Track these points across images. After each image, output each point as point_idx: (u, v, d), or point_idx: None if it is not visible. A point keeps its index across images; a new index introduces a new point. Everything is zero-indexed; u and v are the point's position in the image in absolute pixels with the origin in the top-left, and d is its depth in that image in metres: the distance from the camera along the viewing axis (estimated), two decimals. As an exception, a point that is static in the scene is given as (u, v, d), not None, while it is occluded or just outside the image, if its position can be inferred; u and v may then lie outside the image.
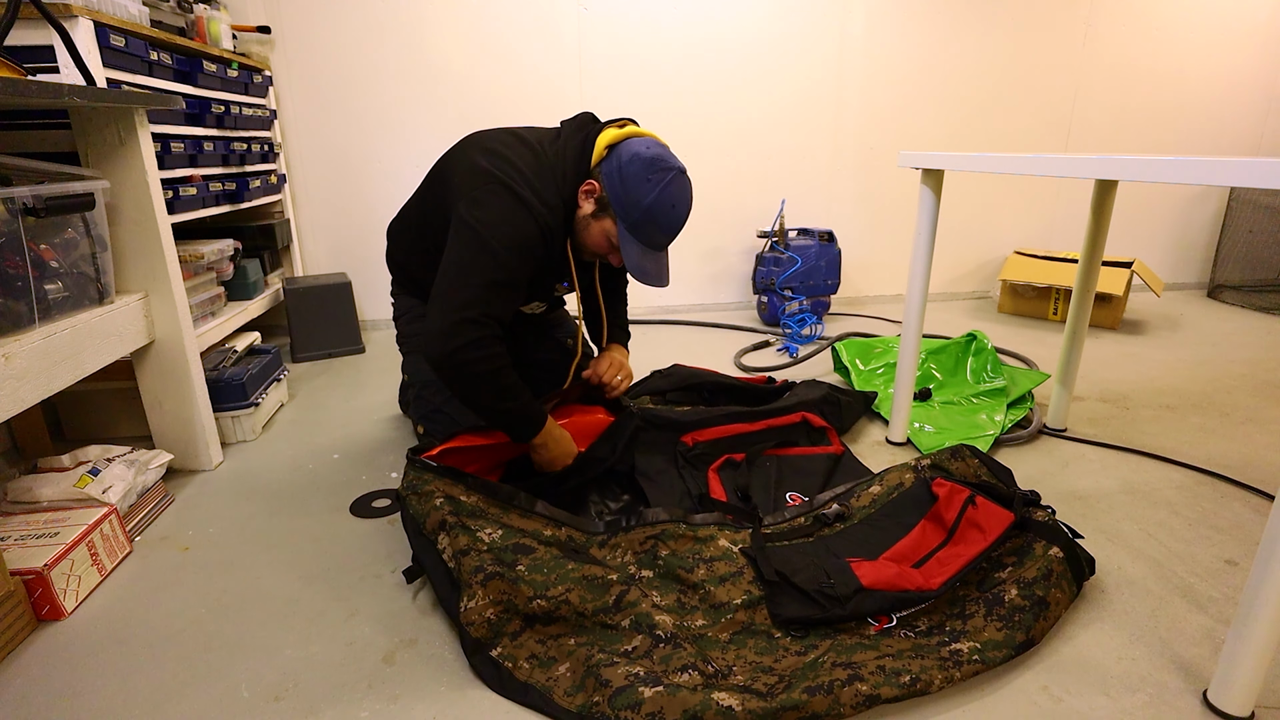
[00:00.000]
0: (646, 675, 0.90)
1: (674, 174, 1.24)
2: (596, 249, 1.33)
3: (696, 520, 1.22)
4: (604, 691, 0.89)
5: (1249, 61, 3.22)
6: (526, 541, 1.10)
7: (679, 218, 1.26)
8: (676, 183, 1.24)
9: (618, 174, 1.25)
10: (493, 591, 1.00)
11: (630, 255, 1.27)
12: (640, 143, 1.27)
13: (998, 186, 3.22)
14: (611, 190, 1.26)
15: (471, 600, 0.99)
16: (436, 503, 1.13)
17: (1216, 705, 0.91)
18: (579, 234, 1.33)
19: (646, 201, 1.23)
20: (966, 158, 1.36)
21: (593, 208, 1.29)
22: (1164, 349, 2.49)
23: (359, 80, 2.55)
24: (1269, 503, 1.44)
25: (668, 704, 0.85)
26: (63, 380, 1.18)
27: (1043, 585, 1.03)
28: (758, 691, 0.89)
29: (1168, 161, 0.93)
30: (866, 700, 0.88)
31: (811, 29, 2.82)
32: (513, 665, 0.96)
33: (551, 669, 0.96)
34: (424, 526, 1.12)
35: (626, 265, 1.28)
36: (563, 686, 0.93)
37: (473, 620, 0.98)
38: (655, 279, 1.30)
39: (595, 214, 1.29)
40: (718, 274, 3.07)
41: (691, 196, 1.28)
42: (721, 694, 0.87)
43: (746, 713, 0.85)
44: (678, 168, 1.26)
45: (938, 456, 1.36)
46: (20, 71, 1.20)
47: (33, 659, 1.00)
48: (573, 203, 1.31)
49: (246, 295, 2.12)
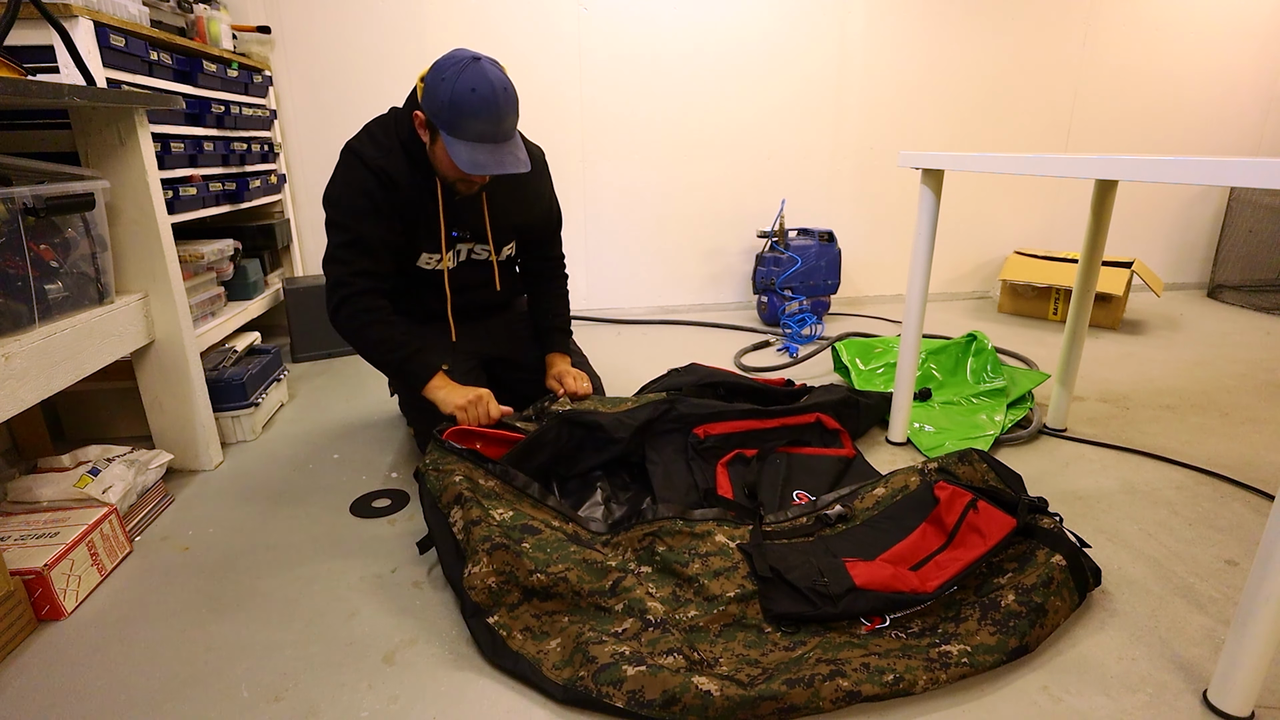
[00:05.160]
0: (632, 655, 0.92)
1: (464, 62, 1.25)
2: (448, 173, 1.37)
3: (695, 516, 1.24)
4: (590, 667, 0.91)
5: (1249, 61, 3.22)
6: (534, 524, 1.13)
7: (484, 98, 1.24)
8: (470, 69, 1.24)
9: (426, 92, 1.29)
10: (497, 561, 1.03)
11: (459, 155, 1.27)
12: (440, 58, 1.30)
13: (998, 186, 3.22)
14: (427, 107, 1.30)
15: (476, 566, 1.03)
16: (456, 479, 1.17)
17: (1216, 705, 0.91)
18: (436, 168, 1.38)
19: (447, 97, 1.24)
20: (966, 158, 1.36)
21: (427, 135, 1.34)
22: (1164, 349, 2.49)
23: (359, 80, 2.55)
24: (1269, 503, 1.44)
25: (648, 683, 0.87)
26: (62, 380, 1.18)
27: (1041, 592, 1.03)
28: (739, 681, 0.91)
29: (1168, 161, 0.93)
30: (847, 696, 0.89)
31: (811, 29, 2.82)
32: (507, 634, 1.00)
33: (543, 643, 0.99)
34: (440, 500, 1.16)
35: (459, 165, 1.28)
36: (551, 660, 0.96)
37: (474, 585, 1.02)
38: (496, 167, 1.29)
39: (432, 140, 1.34)
40: (718, 274, 3.07)
41: (495, 77, 1.25)
42: (702, 679, 0.89)
43: (724, 698, 0.86)
44: (469, 57, 1.25)
45: (945, 460, 1.35)
46: (20, 71, 1.20)
47: (33, 659, 1.00)
48: (414, 142, 1.36)
49: (246, 295, 2.12)
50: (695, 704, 0.85)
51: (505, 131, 1.29)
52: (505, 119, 1.28)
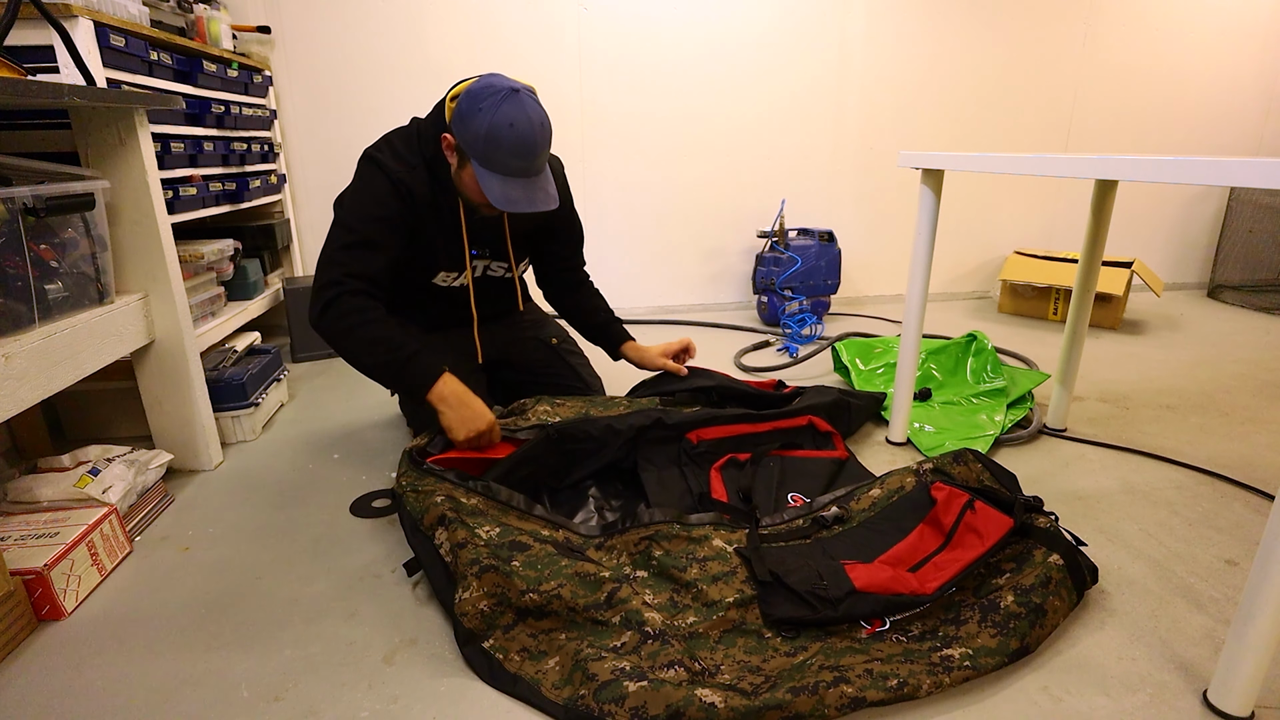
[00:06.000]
0: (632, 670, 0.90)
1: (503, 94, 1.22)
2: (474, 198, 1.35)
3: (691, 520, 1.23)
4: (590, 685, 0.90)
5: (1249, 61, 3.22)
6: (523, 539, 1.10)
7: (521, 135, 1.22)
8: (509, 101, 1.22)
9: (458, 117, 1.26)
10: (487, 584, 1.01)
11: (492, 189, 1.25)
12: (475, 80, 1.27)
13: (998, 186, 3.22)
14: (459, 135, 1.27)
15: (466, 591, 1.01)
16: (437, 499, 1.14)
17: (1216, 705, 0.91)
18: (461, 191, 1.36)
19: (484, 130, 1.22)
20: (966, 158, 1.36)
21: (455, 159, 1.32)
22: (1164, 349, 2.49)
23: (359, 80, 2.55)
24: (1269, 503, 1.44)
25: (651, 698, 0.86)
26: (62, 380, 1.18)
27: (1040, 593, 1.03)
28: (742, 690, 0.90)
29: (1168, 161, 0.93)
30: (852, 703, 0.88)
31: (811, 29, 2.82)
32: (504, 657, 0.98)
33: (541, 662, 0.97)
34: (421, 523, 1.13)
35: (491, 200, 1.26)
36: (551, 679, 0.94)
37: (466, 611, 1.00)
38: (528, 204, 1.28)
39: (460, 165, 1.31)
40: (718, 274, 3.07)
41: (534, 112, 1.23)
42: (705, 690, 0.87)
43: (729, 709, 0.85)
44: (508, 88, 1.23)
45: (940, 460, 1.35)
46: (20, 71, 1.20)
47: (33, 659, 1.00)
48: (438, 161, 1.34)
49: (246, 295, 2.12)
50: (700, 717, 0.84)
51: (539, 167, 1.28)
52: (540, 155, 1.26)
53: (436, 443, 1.35)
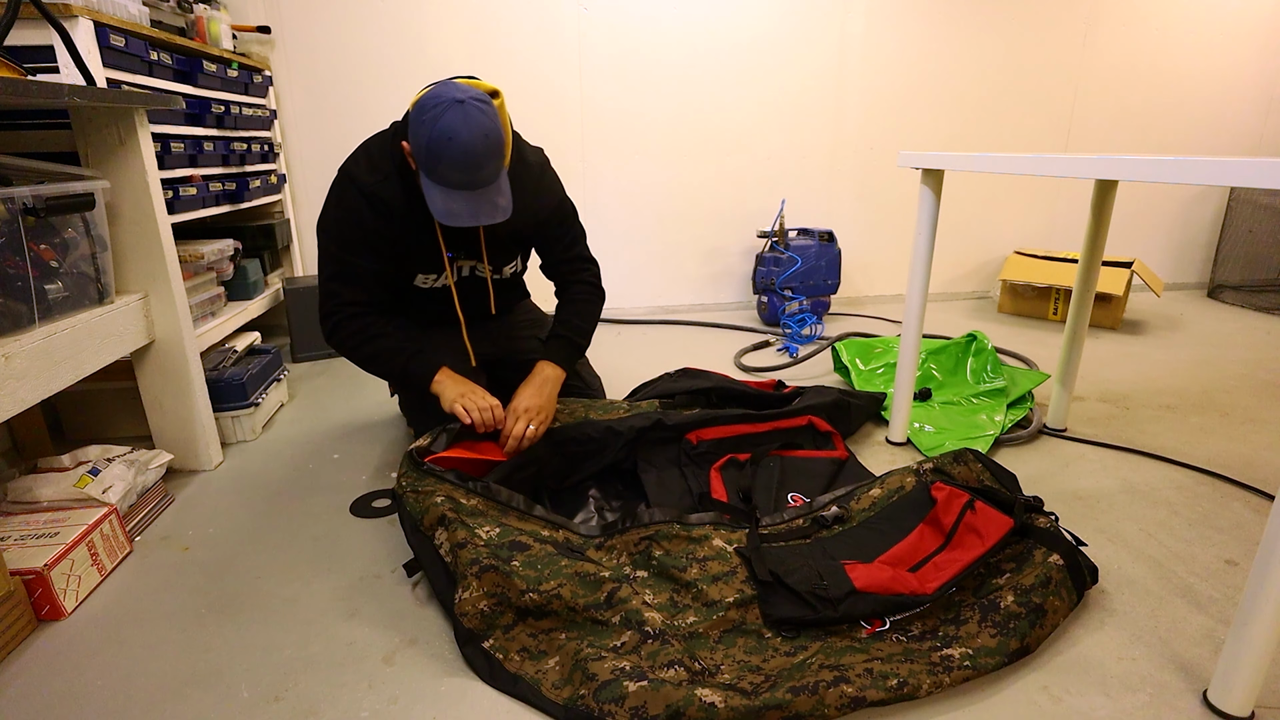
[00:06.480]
0: (632, 670, 0.90)
1: (446, 105, 1.17)
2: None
3: (691, 520, 1.22)
4: (590, 685, 0.90)
5: (1249, 61, 3.22)
6: (523, 539, 1.10)
7: (461, 148, 1.17)
8: (451, 112, 1.17)
9: (410, 126, 1.23)
10: (487, 584, 1.01)
11: (434, 202, 1.22)
12: (428, 88, 1.23)
13: (998, 186, 3.22)
14: (411, 144, 1.24)
15: (466, 591, 1.01)
16: (437, 500, 1.14)
17: (1216, 705, 0.91)
18: None
19: (425, 142, 1.18)
20: (966, 158, 1.36)
21: (414, 166, 1.28)
22: (1164, 349, 2.49)
23: (359, 80, 2.55)
24: (1269, 503, 1.44)
25: (651, 698, 0.86)
26: (63, 380, 1.18)
27: (1040, 593, 1.03)
28: (742, 690, 0.90)
29: (1168, 161, 0.93)
30: (852, 702, 0.88)
31: (811, 29, 2.82)
32: (504, 657, 0.98)
33: (541, 662, 0.97)
34: (421, 523, 1.13)
35: (434, 214, 1.22)
36: (551, 679, 0.94)
37: (466, 611, 1.00)
38: (470, 218, 1.23)
39: (417, 170, 1.27)
40: (718, 274, 3.07)
41: (478, 123, 1.18)
42: (705, 690, 0.87)
43: (729, 709, 0.85)
44: (451, 99, 1.18)
45: (940, 460, 1.35)
46: (20, 71, 1.20)
47: (33, 659, 1.00)
48: (407, 167, 1.31)
49: (246, 295, 2.12)
50: (700, 717, 0.84)
51: (484, 179, 1.23)
52: (484, 167, 1.21)
53: (439, 443, 1.35)
